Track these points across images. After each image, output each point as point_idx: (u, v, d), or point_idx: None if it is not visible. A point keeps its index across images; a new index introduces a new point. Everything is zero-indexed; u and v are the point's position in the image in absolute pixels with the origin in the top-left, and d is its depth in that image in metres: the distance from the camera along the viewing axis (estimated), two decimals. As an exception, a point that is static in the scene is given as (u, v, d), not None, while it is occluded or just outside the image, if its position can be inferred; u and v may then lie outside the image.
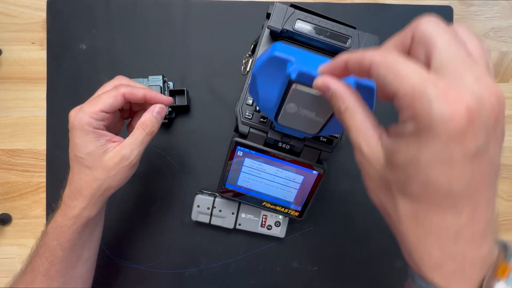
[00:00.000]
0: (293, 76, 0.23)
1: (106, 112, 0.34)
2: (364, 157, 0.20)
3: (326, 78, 0.22)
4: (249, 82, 0.36)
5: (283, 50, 0.24)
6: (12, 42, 0.51)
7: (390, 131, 0.20)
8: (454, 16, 0.53)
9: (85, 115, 0.33)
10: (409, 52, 0.20)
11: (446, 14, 0.53)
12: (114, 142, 0.35)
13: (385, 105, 0.25)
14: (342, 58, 0.21)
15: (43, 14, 0.51)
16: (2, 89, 0.51)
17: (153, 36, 0.51)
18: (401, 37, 0.20)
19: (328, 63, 0.22)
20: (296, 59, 0.24)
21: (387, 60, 0.18)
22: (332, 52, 0.36)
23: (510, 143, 0.54)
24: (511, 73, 0.54)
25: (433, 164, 0.17)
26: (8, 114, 0.51)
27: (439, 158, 0.17)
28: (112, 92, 0.34)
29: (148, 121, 0.35)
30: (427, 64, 0.18)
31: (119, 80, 0.38)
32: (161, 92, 0.46)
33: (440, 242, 0.19)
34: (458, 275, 0.19)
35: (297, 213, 0.44)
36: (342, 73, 0.22)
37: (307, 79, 0.23)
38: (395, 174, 0.19)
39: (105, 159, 0.34)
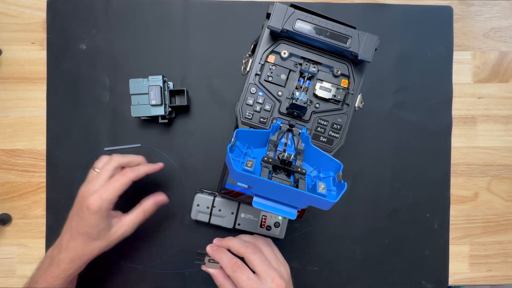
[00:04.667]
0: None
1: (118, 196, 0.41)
2: None
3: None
4: (248, 85, 0.36)
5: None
6: (12, 42, 0.51)
7: None
8: (454, 16, 0.53)
9: (104, 203, 0.39)
10: None
11: (446, 14, 0.53)
12: (116, 217, 0.42)
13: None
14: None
15: (43, 14, 0.51)
16: (2, 89, 0.51)
17: (153, 36, 0.51)
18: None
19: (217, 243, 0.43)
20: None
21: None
22: (332, 52, 0.36)
23: (510, 143, 0.54)
24: (511, 73, 0.54)
25: None
26: (8, 114, 0.51)
27: None
28: (123, 179, 0.41)
29: (150, 208, 0.44)
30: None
31: (117, 160, 0.43)
32: (161, 92, 0.46)
33: None
34: None
35: (297, 213, 0.43)
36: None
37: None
38: None
39: (111, 233, 0.41)
